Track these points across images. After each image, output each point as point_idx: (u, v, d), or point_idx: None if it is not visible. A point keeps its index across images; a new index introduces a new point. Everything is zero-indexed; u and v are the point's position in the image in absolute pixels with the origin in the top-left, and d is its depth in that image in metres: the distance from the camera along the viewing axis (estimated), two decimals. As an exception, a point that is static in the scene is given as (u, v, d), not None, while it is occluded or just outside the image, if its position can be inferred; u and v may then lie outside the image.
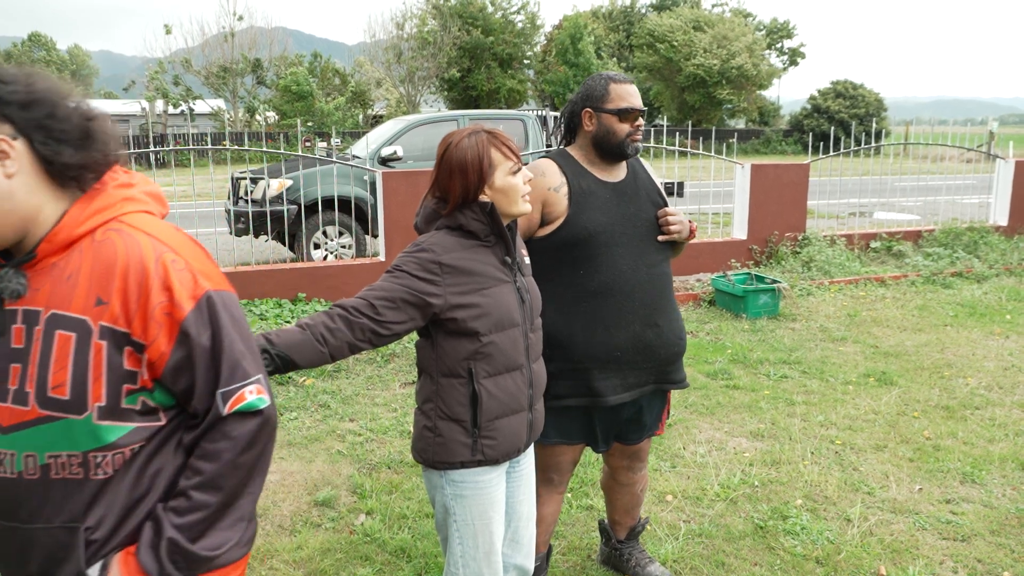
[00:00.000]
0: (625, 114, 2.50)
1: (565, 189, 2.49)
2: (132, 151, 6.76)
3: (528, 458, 2.27)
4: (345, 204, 8.71)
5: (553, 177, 2.51)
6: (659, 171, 13.68)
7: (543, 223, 2.48)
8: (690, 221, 2.63)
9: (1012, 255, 8.96)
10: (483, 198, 2.01)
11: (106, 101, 52.83)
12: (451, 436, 2.04)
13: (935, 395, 4.97)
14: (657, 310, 2.53)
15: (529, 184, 2.12)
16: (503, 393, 2.06)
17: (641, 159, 2.72)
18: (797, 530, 3.33)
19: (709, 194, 11.47)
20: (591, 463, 3.96)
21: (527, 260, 2.21)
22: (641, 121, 2.54)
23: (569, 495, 3.65)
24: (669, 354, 2.59)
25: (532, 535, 2.31)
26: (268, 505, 3.58)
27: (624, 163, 2.63)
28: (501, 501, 2.14)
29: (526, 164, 2.22)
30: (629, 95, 2.52)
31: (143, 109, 32.85)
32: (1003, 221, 9.93)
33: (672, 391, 2.78)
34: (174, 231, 1.45)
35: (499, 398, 2.05)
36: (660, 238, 2.57)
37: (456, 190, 1.99)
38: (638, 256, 2.51)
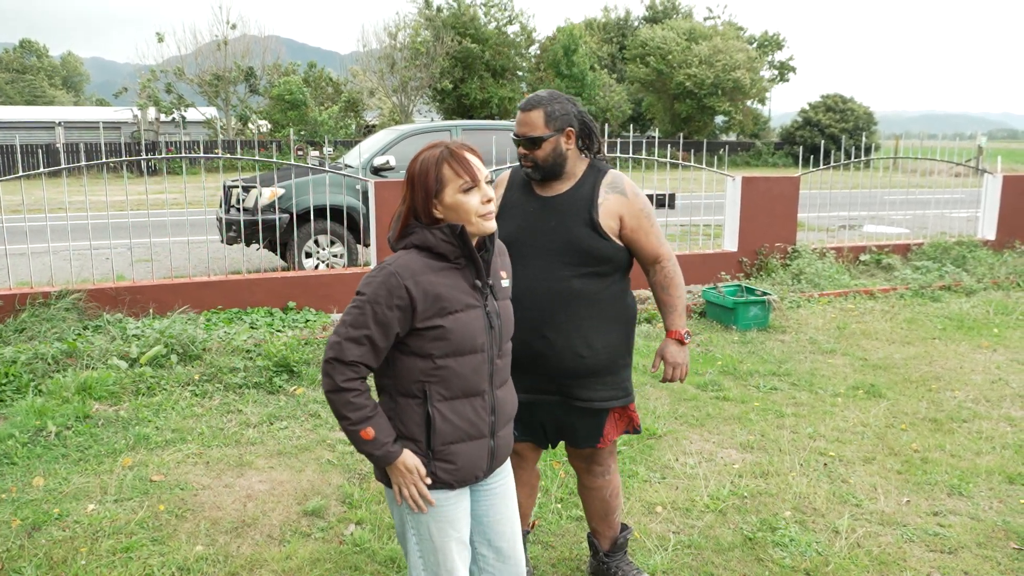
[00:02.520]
0: (516, 141, 2.63)
1: (499, 201, 2.67)
2: (124, 158, 6.75)
3: (501, 477, 2.23)
4: (337, 213, 8.72)
5: (499, 188, 2.73)
6: (651, 182, 13.75)
7: None
8: (675, 367, 2.79)
9: (1000, 269, 9.03)
10: (436, 214, 2.01)
11: (98, 108, 52.74)
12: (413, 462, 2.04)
13: (923, 408, 5.00)
14: (549, 323, 2.59)
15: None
16: (459, 418, 2.03)
17: (622, 176, 2.72)
18: (786, 542, 3.35)
19: (700, 206, 11.52)
20: (581, 474, 3.96)
21: (505, 283, 2.15)
22: (523, 149, 2.62)
23: (559, 506, 3.65)
24: (564, 368, 2.63)
25: (521, 554, 2.29)
26: (257, 515, 3.58)
27: (576, 177, 2.67)
28: (461, 520, 2.12)
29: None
30: (518, 123, 2.63)
31: (135, 116, 32.79)
32: (991, 235, 10.01)
33: (624, 409, 2.81)
34: None
35: (454, 423, 2.03)
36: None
37: (409, 204, 2.02)
38: (545, 268, 2.60)
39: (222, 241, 8.96)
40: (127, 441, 4.33)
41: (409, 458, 2.01)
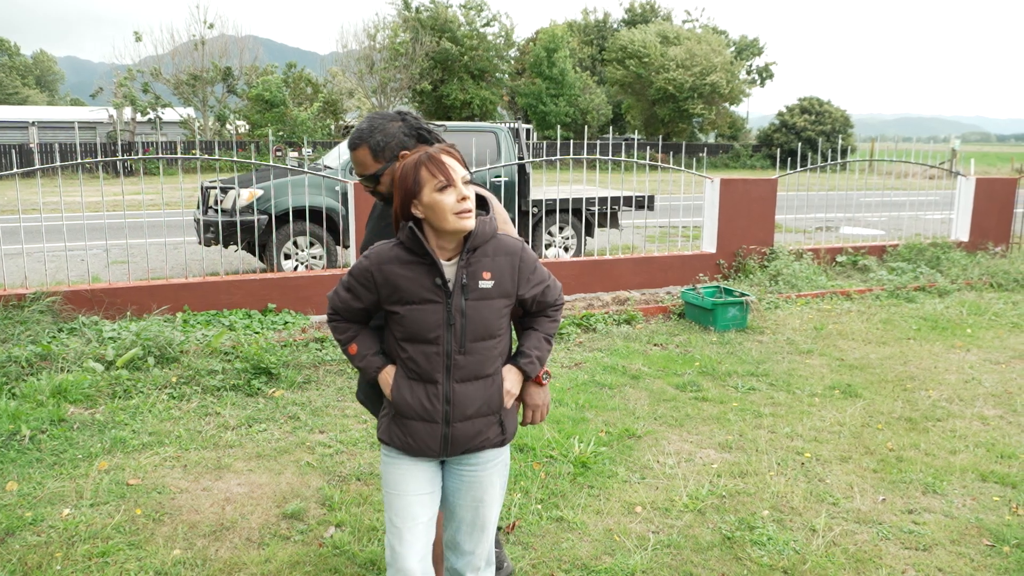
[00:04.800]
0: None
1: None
2: (99, 159, 6.69)
3: (479, 469, 2.31)
4: (316, 215, 8.69)
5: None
6: (630, 184, 13.82)
7: None
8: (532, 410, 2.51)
9: (973, 270, 9.16)
10: (416, 213, 2.13)
11: (73, 108, 52.12)
12: (383, 412, 2.31)
13: (898, 407, 5.06)
14: None
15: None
16: (412, 399, 2.21)
17: (492, 198, 2.49)
18: (764, 540, 3.38)
19: (679, 208, 11.58)
20: (562, 475, 3.98)
21: (484, 284, 2.17)
22: (366, 187, 2.65)
23: (539, 507, 3.66)
24: None
25: (477, 546, 2.37)
26: (236, 518, 3.55)
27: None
28: (409, 489, 2.27)
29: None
30: (352, 162, 2.66)
31: (111, 116, 32.43)
32: (964, 237, 10.15)
33: None
34: None
35: (408, 402, 2.21)
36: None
37: (396, 205, 2.17)
38: None
39: (200, 243, 8.89)
40: (103, 445, 4.28)
41: (390, 372, 2.27)
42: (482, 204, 2.28)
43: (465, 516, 2.35)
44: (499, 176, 9.62)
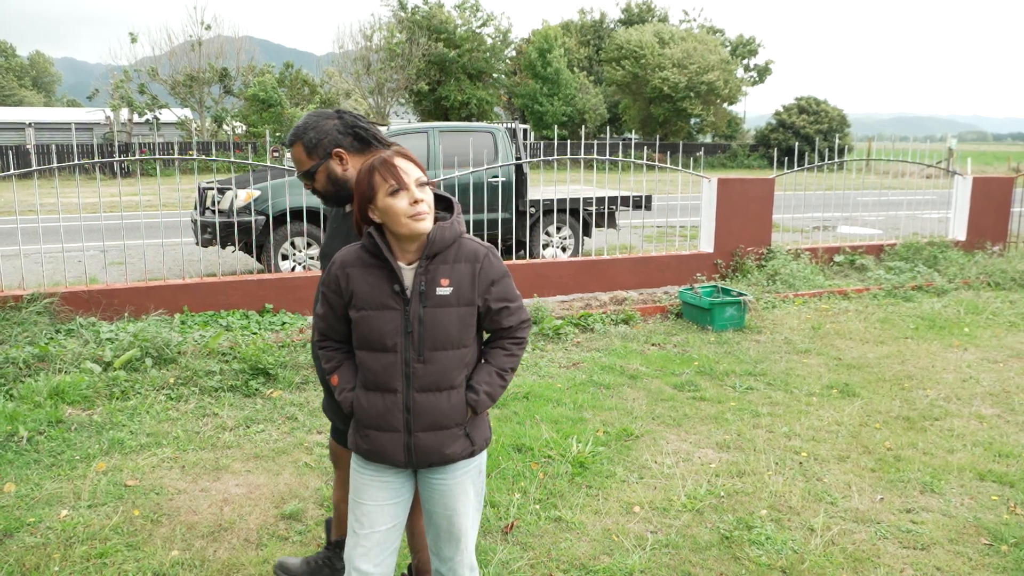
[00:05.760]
0: None
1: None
2: (96, 160, 6.67)
3: (449, 478, 2.27)
4: (313, 215, 8.68)
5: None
6: (627, 184, 13.83)
7: None
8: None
9: (970, 269, 9.17)
10: (374, 218, 2.12)
11: (69, 109, 52.05)
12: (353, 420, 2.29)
13: (896, 406, 5.07)
14: None
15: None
16: (371, 408, 2.19)
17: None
18: (762, 540, 3.38)
19: (676, 207, 11.59)
20: (560, 475, 3.98)
21: (442, 291, 2.13)
22: (305, 184, 2.67)
23: (537, 506, 3.66)
24: None
25: (456, 553, 2.33)
26: (234, 519, 3.55)
27: None
28: (369, 497, 2.26)
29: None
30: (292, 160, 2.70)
31: (107, 118, 32.39)
32: (961, 236, 10.17)
33: None
34: None
35: (368, 410, 2.19)
36: None
37: (355, 210, 2.17)
38: None
39: (197, 243, 8.88)
40: (101, 446, 4.28)
41: None
42: (449, 208, 2.22)
43: (441, 524, 2.31)
44: (496, 176, 9.62)
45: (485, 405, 2.23)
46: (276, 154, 22.48)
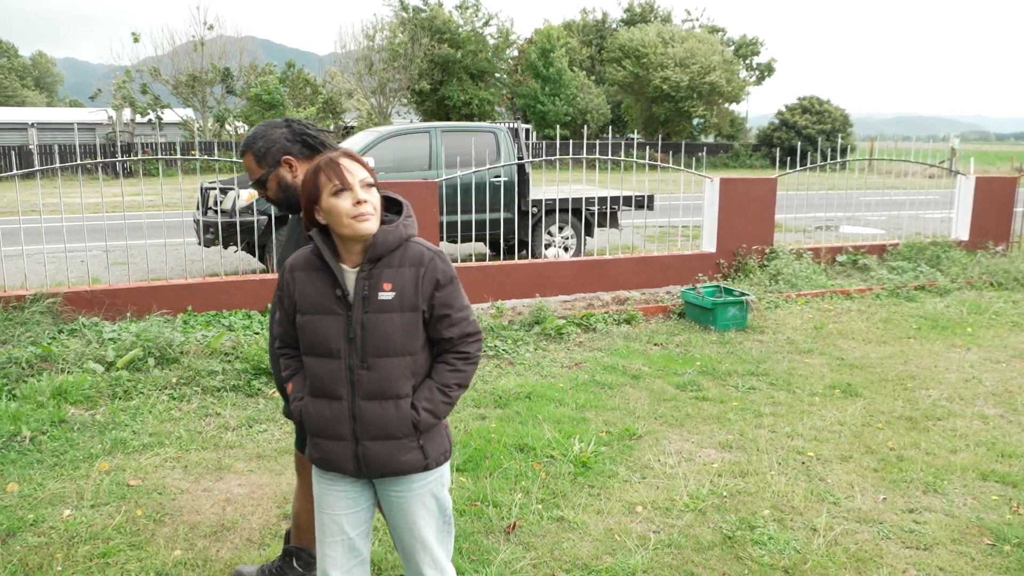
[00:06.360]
0: None
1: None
2: (99, 160, 6.68)
3: (405, 492, 2.21)
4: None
5: None
6: (629, 184, 13.82)
7: None
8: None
9: (973, 269, 9.16)
10: (319, 219, 2.09)
11: (72, 109, 52.12)
12: None
13: (899, 406, 5.06)
14: None
15: None
16: (318, 415, 2.15)
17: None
18: (765, 540, 3.38)
19: (679, 207, 11.58)
20: (562, 475, 3.98)
21: (384, 296, 2.07)
22: (258, 192, 2.69)
23: (539, 506, 3.66)
24: None
25: (422, 566, 2.26)
26: (237, 518, 3.55)
27: None
28: (328, 507, 2.24)
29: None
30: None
31: (110, 118, 32.41)
32: (964, 236, 10.15)
33: None
34: None
35: (316, 418, 2.16)
36: None
37: (302, 210, 2.13)
38: None
39: (199, 243, 8.89)
40: (104, 446, 4.28)
41: None
42: (400, 210, 2.17)
43: (403, 537, 2.26)
44: (499, 176, 9.62)
45: (429, 423, 2.14)
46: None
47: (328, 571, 2.25)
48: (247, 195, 8.61)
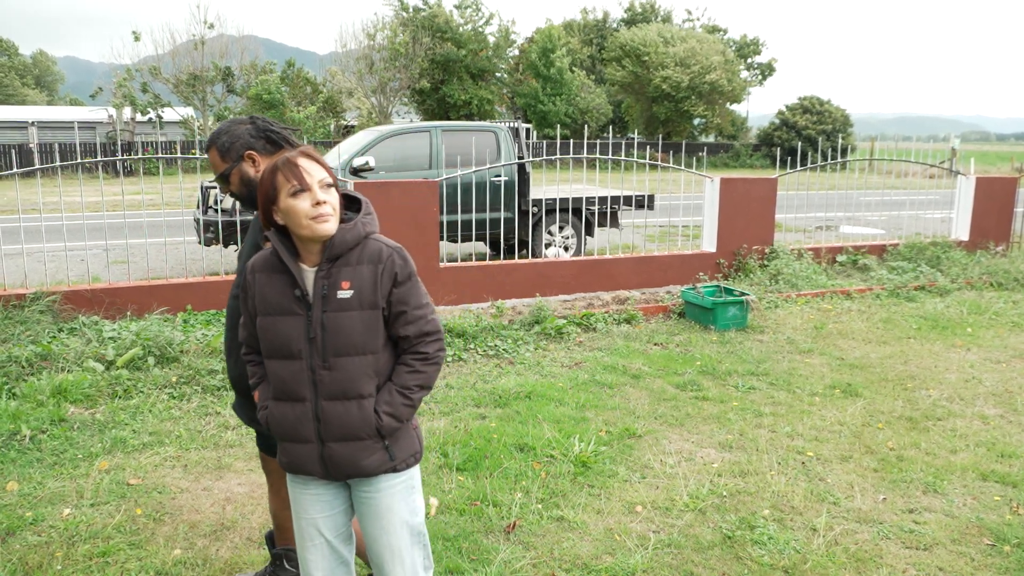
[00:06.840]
0: None
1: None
2: (99, 159, 6.68)
3: (374, 493, 2.19)
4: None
5: None
6: (630, 183, 13.81)
7: None
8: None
9: (973, 269, 9.16)
10: (278, 220, 2.06)
11: (72, 108, 52.10)
12: None
13: (899, 406, 5.06)
14: None
15: None
16: (282, 418, 2.14)
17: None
18: (764, 540, 3.38)
19: (679, 207, 11.58)
20: (562, 475, 3.98)
21: (343, 295, 2.05)
22: (222, 188, 2.68)
23: (539, 506, 3.66)
24: None
25: (396, 569, 2.24)
26: (236, 518, 3.55)
27: None
28: (302, 510, 2.24)
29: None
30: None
31: (110, 116, 32.41)
32: (964, 236, 10.15)
33: None
34: None
35: (279, 421, 2.14)
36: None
37: (259, 211, 2.11)
38: None
39: (200, 242, 8.89)
40: (103, 444, 4.28)
41: None
42: (360, 209, 2.15)
43: (379, 538, 2.23)
44: (499, 176, 9.62)
45: (392, 427, 2.12)
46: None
47: (311, 574, 2.25)
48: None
